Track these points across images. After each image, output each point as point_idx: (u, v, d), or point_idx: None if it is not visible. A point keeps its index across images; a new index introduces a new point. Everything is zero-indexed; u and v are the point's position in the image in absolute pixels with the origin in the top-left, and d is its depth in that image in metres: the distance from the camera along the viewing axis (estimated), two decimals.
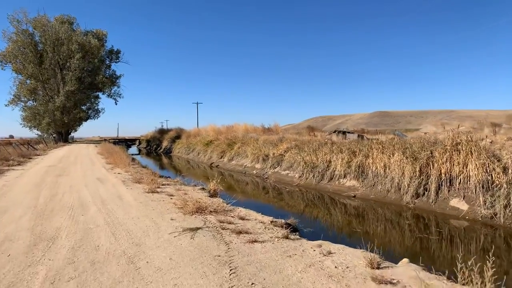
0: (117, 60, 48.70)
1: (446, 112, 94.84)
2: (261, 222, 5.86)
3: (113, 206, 7.38)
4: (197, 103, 64.85)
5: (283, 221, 6.02)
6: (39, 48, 40.16)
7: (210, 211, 6.42)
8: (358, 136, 21.17)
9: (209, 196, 8.60)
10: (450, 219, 10.79)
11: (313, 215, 11.64)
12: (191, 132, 44.60)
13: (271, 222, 5.91)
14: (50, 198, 8.41)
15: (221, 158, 27.36)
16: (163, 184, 10.21)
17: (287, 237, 5.06)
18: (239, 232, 5.24)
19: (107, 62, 47.99)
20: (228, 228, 5.49)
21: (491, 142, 11.41)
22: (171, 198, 8.14)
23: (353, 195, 14.19)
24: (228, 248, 4.53)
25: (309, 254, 4.46)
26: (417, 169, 12.22)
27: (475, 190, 10.99)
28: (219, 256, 4.28)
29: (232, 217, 6.13)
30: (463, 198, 11.26)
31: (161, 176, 12.96)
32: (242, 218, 6.03)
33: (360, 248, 4.84)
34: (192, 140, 38.98)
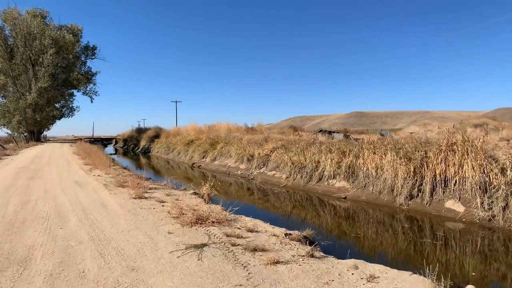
0: (93, 57, 46.32)
1: (420, 113, 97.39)
2: (274, 235, 5.01)
3: (96, 216, 6.31)
4: (176, 101, 63.04)
5: (299, 233, 5.20)
6: (9, 43, 37.41)
7: (212, 221, 5.49)
8: (344, 135, 20.74)
9: (205, 202, 7.67)
10: (446, 221, 10.36)
11: (316, 222, 10.72)
12: (170, 131, 43.03)
13: (286, 235, 5.08)
14: (21, 206, 7.19)
15: (203, 158, 26.27)
16: (150, 189, 9.19)
17: (312, 255, 4.26)
18: (254, 250, 4.38)
19: (83, 59, 45.55)
20: (238, 244, 4.62)
21: (482, 143, 11.06)
22: (162, 205, 7.14)
23: (343, 196, 13.60)
24: (248, 274, 3.66)
25: (349, 280, 3.66)
26: (412, 170, 11.72)
27: (471, 192, 10.61)
28: (241, 286, 3.39)
29: (239, 228, 5.24)
30: (459, 200, 10.87)
31: (147, 179, 11.82)
32: (250, 230, 5.15)
33: (406, 270, 4.06)
34: (171, 139, 37.53)
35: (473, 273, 6.67)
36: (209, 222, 5.41)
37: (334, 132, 22.87)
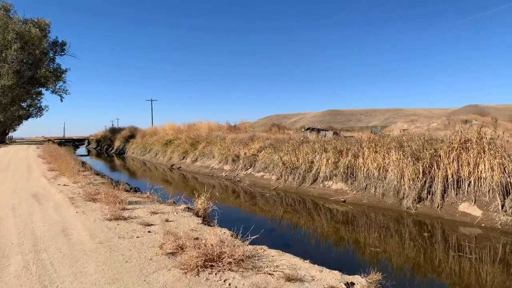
0: (62, 53, 42.41)
1: (392, 110, 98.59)
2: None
3: (53, 255, 4.28)
4: (151, 100, 59.71)
5: (362, 281, 3.44)
6: None
7: (228, 262, 3.59)
8: (334, 133, 19.35)
9: (204, 222, 5.81)
10: (463, 226, 9.04)
11: (357, 246, 8.60)
12: (146, 131, 40.29)
13: (348, 286, 3.28)
14: None
15: (183, 159, 24.12)
16: (130, 203, 7.16)
17: None
18: None
19: (51, 55, 41.63)
20: None
21: (503, 140, 9.79)
22: (149, 232, 5.18)
23: (343, 200, 12.12)
24: None
25: None
26: (420, 170, 10.32)
27: (490, 194, 9.30)
28: None
29: (271, 274, 3.38)
30: (474, 203, 9.59)
31: (127, 190, 9.59)
32: (290, 278, 3.28)
33: None
34: (148, 139, 34.91)
35: None
36: (223, 264, 3.54)
37: (322, 130, 21.47)
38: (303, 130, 23.10)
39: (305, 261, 3.98)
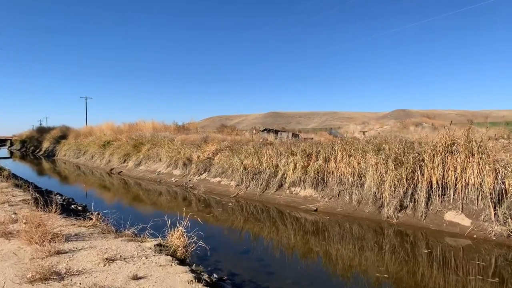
0: None
1: (329, 113, 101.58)
2: None
3: None
4: (86, 97, 53.40)
5: None
6: None
7: None
8: (293, 135, 17.86)
9: (196, 277, 3.53)
10: (453, 237, 8.01)
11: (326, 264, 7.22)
12: (80, 131, 35.56)
13: None
14: None
15: (124, 162, 20.90)
16: (67, 238, 4.69)
17: None
18: None
19: None
20: None
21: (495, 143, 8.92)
22: None
23: (314, 208, 10.58)
24: None
25: None
26: (404, 175, 9.06)
27: (479, 201, 8.33)
28: None
29: None
30: (462, 211, 8.58)
31: (61, 212, 6.52)
32: None
33: None
34: (83, 140, 30.50)
35: None
36: None
37: (280, 131, 19.91)
38: (255, 131, 21.34)
39: None
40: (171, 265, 3.92)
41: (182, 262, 4.22)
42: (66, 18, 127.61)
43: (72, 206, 10.48)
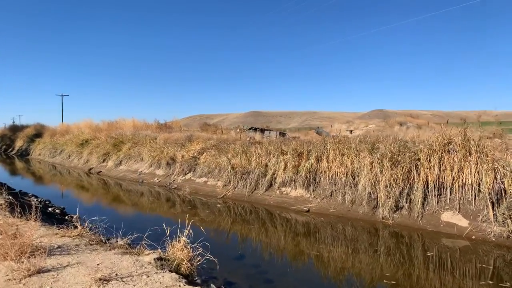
0: None
1: (309, 113, 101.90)
2: None
3: None
4: (62, 95, 50.89)
5: None
6: None
7: None
8: (280, 134, 17.31)
9: None
10: (452, 238, 7.73)
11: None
12: (57, 129, 33.74)
13: None
14: None
15: (104, 162, 19.76)
16: (50, 251, 3.90)
17: None
18: None
19: None
20: None
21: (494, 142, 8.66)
22: None
23: (306, 209, 10.10)
24: None
25: None
26: (400, 175, 8.69)
27: (477, 201, 8.06)
28: None
29: None
30: (459, 211, 8.26)
31: (42, 217, 5.54)
32: None
33: None
34: (59, 139, 28.89)
35: None
36: None
37: (266, 130, 19.32)
38: (240, 130, 20.65)
39: None
40: (179, 285, 3.22)
41: (190, 281, 3.53)
42: (41, 13, 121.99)
43: (49, 209, 9.52)
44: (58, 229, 5.12)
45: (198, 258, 3.98)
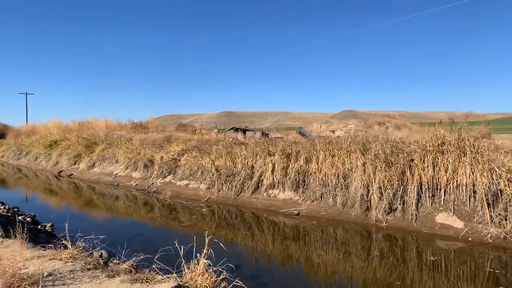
0: None
1: (282, 113, 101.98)
2: None
3: None
4: (26, 93, 47.32)
5: None
6: None
7: None
8: (263, 134, 16.63)
9: None
10: (447, 240, 7.47)
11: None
12: (21, 129, 31.19)
13: None
14: None
15: (75, 164, 18.25)
16: (38, 283, 2.85)
17: None
18: None
19: None
20: None
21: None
22: None
23: (296, 212, 9.55)
24: None
25: None
26: (395, 176, 8.30)
27: (472, 202, 7.80)
28: None
29: None
30: (453, 213, 7.97)
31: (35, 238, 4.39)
32: None
33: None
34: (24, 140, 26.71)
35: None
36: None
37: (248, 130, 18.58)
38: (217, 130, 19.79)
39: None
40: None
41: None
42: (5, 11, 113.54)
43: (20, 217, 8.24)
44: (44, 250, 4.08)
45: (224, 285, 3.16)
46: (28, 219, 8.25)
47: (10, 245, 3.54)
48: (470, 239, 7.36)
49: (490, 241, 7.15)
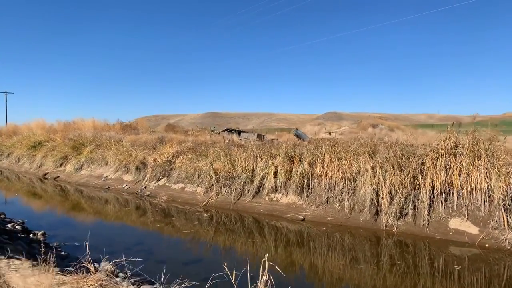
0: None
1: (266, 114, 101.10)
2: None
3: None
4: (6, 92, 44.83)
5: None
6: None
7: None
8: (258, 136, 15.99)
9: None
10: (463, 247, 7.12)
11: None
12: (1, 130, 29.30)
13: None
14: None
15: (61, 166, 17.14)
16: None
17: None
18: None
19: None
20: None
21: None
22: None
23: (301, 217, 9.00)
24: None
25: None
26: (407, 180, 7.84)
27: (484, 207, 7.41)
28: None
29: None
30: (467, 218, 7.55)
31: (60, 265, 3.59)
32: None
33: None
34: (5, 141, 25.12)
35: None
36: None
37: (243, 131, 17.89)
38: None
39: None
40: None
41: None
42: None
43: (8, 225, 7.27)
44: (62, 274, 3.20)
45: None
46: (18, 227, 7.38)
47: (19, 268, 2.74)
48: (486, 245, 6.98)
49: (509, 247, 6.79)
